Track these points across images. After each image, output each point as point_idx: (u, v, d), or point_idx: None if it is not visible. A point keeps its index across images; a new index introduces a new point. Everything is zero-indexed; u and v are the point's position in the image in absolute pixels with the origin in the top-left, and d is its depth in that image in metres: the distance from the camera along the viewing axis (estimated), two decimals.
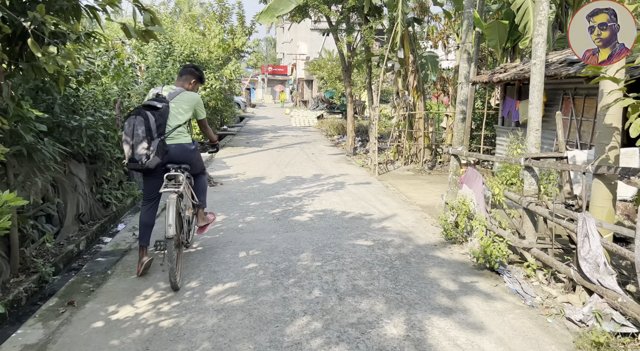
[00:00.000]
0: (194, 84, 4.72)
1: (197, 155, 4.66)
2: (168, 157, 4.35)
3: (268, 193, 8.49)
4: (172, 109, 4.39)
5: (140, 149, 4.17)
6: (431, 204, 7.90)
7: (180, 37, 14.00)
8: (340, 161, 12.78)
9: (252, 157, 13.26)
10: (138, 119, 4.19)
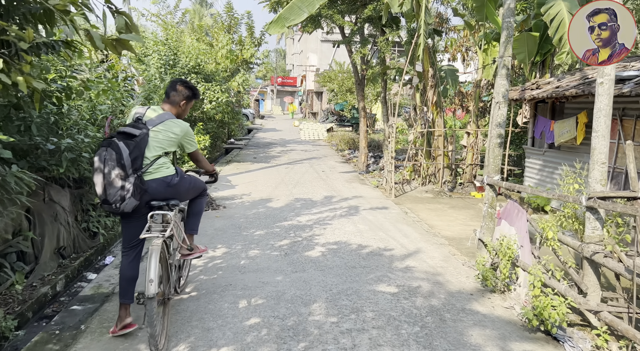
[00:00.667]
0: (184, 105, 3.94)
1: (185, 185, 3.84)
2: (149, 196, 3.57)
3: (275, 219, 7.68)
4: (152, 139, 3.61)
5: (114, 190, 3.39)
6: (458, 236, 7.04)
7: (186, 47, 13.36)
8: (353, 181, 11.97)
9: (258, 175, 12.49)
10: (109, 152, 3.42)
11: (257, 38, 16.89)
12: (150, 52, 12.37)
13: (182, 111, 3.95)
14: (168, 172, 3.65)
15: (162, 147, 3.65)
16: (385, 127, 12.92)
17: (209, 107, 12.94)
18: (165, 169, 3.65)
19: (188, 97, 3.93)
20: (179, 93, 3.88)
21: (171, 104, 3.87)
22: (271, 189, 10.53)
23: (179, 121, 3.81)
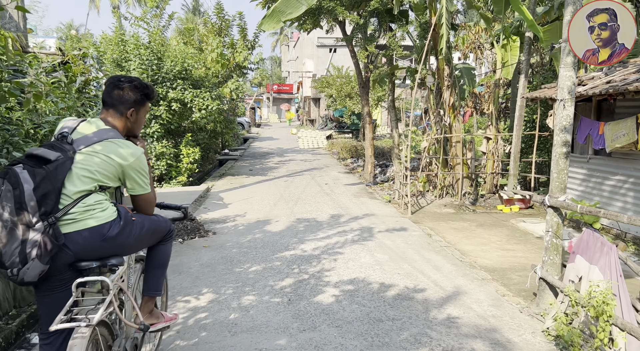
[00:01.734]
0: (134, 115, 2.64)
1: (133, 233, 2.50)
2: (70, 256, 2.28)
3: (274, 248, 6.37)
4: (79, 167, 2.35)
5: (10, 246, 2.11)
6: (499, 266, 5.74)
7: (171, 51, 12.11)
8: (361, 194, 10.66)
9: (255, 191, 11.18)
10: (5, 187, 2.14)
11: (250, 41, 15.65)
12: (130, 56, 11.11)
13: (134, 124, 2.66)
14: (104, 218, 2.35)
15: (95, 179, 2.36)
16: (395, 133, 11.66)
17: (198, 117, 11.66)
18: (100, 212, 2.35)
19: (137, 101, 2.62)
20: (123, 98, 2.58)
21: (113, 115, 2.57)
22: (269, 207, 9.22)
23: (127, 142, 2.51)
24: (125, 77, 2.61)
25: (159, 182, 11.68)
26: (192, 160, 11.98)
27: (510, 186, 9.75)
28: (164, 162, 11.30)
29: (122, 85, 2.57)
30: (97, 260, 2.34)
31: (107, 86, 2.59)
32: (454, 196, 10.19)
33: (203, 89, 11.90)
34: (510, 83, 13.42)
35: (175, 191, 10.68)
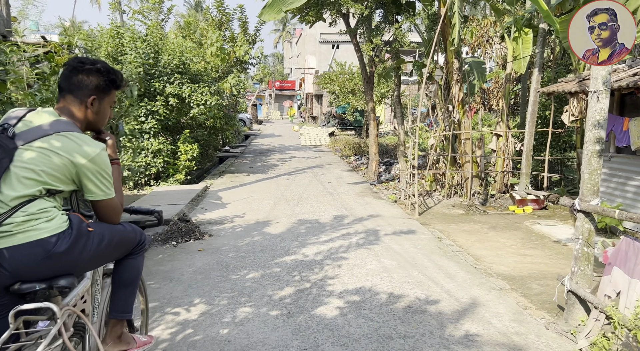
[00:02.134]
0: (96, 104, 2.19)
1: (89, 247, 2.03)
2: (8, 277, 1.86)
3: (274, 253, 5.94)
4: (19, 166, 1.92)
5: None
6: (517, 273, 5.30)
7: (169, 44, 11.67)
8: (365, 194, 10.21)
9: (255, 189, 10.75)
10: None
11: (251, 34, 15.20)
12: (127, 50, 10.68)
13: (96, 116, 2.21)
14: (49, 230, 1.92)
15: (41, 181, 1.93)
16: (400, 131, 11.22)
17: (196, 112, 11.22)
18: (45, 222, 1.92)
19: (100, 88, 2.18)
20: (83, 83, 2.14)
21: (71, 103, 2.14)
22: (269, 207, 8.79)
23: (84, 136, 2.07)
24: (88, 60, 2.18)
25: (156, 180, 11.27)
26: (190, 157, 11.56)
27: (522, 186, 9.30)
28: (161, 159, 10.88)
29: (82, 68, 2.13)
30: (43, 281, 1.90)
31: (65, 68, 2.15)
32: (463, 196, 9.74)
33: (202, 84, 11.46)
34: (519, 78, 12.96)
35: (172, 190, 10.26)
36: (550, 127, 9.28)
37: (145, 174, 10.90)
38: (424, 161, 12.68)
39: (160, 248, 6.22)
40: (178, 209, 8.13)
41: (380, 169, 13.33)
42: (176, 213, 7.87)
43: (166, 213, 7.86)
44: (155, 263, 5.59)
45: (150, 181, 11.12)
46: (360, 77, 27.42)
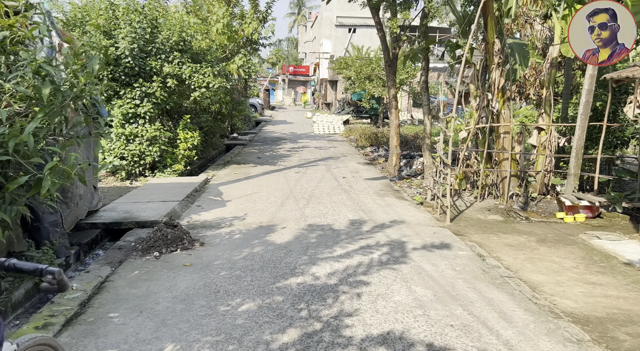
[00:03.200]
0: None
1: None
2: None
3: (277, 271, 4.77)
4: None
5: None
6: (591, 313, 4.05)
7: (168, 19, 10.44)
8: (386, 192, 8.96)
9: (261, 184, 9.57)
10: None
11: (262, 11, 13.88)
12: (120, 23, 9.47)
13: None
14: None
15: None
16: (427, 120, 9.91)
17: (197, 96, 10.02)
18: None
19: None
20: None
21: None
22: (275, 207, 7.61)
23: None
24: None
25: (152, 170, 10.15)
26: (190, 146, 10.41)
27: (570, 188, 7.99)
28: (157, 147, 9.74)
29: None
30: None
31: None
32: (499, 198, 8.46)
33: (204, 64, 10.24)
34: (560, 64, 11.50)
35: (168, 182, 9.13)
36: (605, 120, 7.92)
37: (140, 163, 9.78)
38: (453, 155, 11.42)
39: (138, 260, 5.08)
40: (169, 208, 6.99)
41: (401, 163, 12.06)
42: (166, 212, 6.73)
43: (155, 212, 6.72)
44: (127, 284, 4.45)
45: (145, 171, 10.00)
46: (378, 63, 26.00)
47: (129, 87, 9.53)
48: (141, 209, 6.87)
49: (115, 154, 9.53)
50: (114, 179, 9.85)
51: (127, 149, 9.55)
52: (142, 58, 9.59)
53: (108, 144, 9.57)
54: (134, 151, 9.55)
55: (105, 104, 9.53)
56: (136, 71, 9.48)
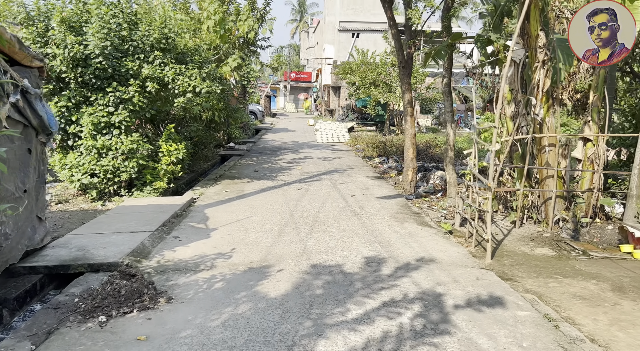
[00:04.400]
0: None
1: None
2: None
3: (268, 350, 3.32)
4: None
5: None
6: None
7: (149, 13, 9.07)
8: (404, 216, 7.48)
9: (255, 205, 8.13)
10: None
11: (260, 9, 12.52)
12: (92, 18, 8.10)
13: None
14: None
15: None
16: (449, 130, 8.47)
17: (182, 101, 8.61)
18: None
19: None
20: None
21: None
22: (271, 238, 6.16)
23: None
24: None
25: (129, 189, 8.72)
26: (174, 160, 8.98)
27: (632, 213, 6.52)
28: (134, 162, 8.31)
29: None
30: None
31: None
32: (541, 223, 7.00)
33: (191, 65, 8.84)
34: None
35: (144, 205, 7.69)
36: None
37: (114, 181, 8.35)
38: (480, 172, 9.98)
39: (73, 331, 3.63)
40: (137, 243, 5.54)
41: (417, 177, 10.59)
42: (131, 250, 5.28)
43: (117, 250, 5.28)
44: None
45: (120, 190, 8.57)
46: (384, 67, 24.61)
47: (101, 92, 8.14)
48: (100, 245, 5.43)
49: (84, 170, 8.10)
50: (83, 199, 8.42)
51: (98, 164, 8.13)
52: (117, 58, 8.20)
53: (76, 159, 8.15)
54: (107, 167, 8.13)
55: (75, 111, 8.14)
56: (109, 73, 8.08)
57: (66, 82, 8.10)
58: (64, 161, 8.29)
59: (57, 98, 8.02)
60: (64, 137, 8.35)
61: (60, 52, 7.63)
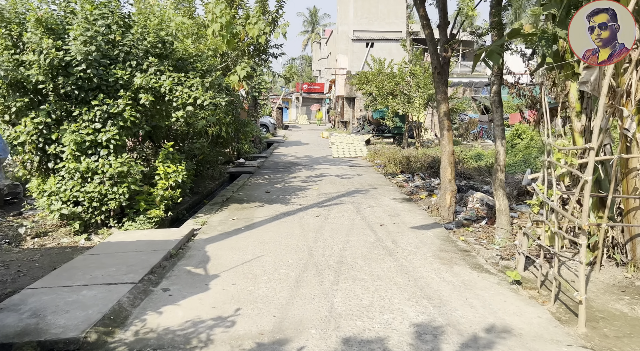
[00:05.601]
0: None
1: None
2: None
3: None
4: None
5: None
6: None
7: (143, 13, 7.86)
8: (451, 254, 6.02)
9: (266, 239, 6.77)
10: None
11: (272, 12, 11.31)
12: (76, 18, 6.90)
13: None
14: None
15: None
16: (500, 146, 7.06)
17: (182, 115, 7.34)
18: None
19: None
20: None
21: None
22: (287, 291, 4.78)
23: None
24: None
25: (119, 219, 7.43)
26: (173, 183, 7.70)
27: None
28: (125, 187, 7.03)
29: None
30: None
31: None
32: (627, 266, 5.53)
33: (192, 74, 7.59)
34: None
35: (133, 241, 6.38)
36: None
37: (101, 210, 7.07)
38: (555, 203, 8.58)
39: None
40: (112, 302, 4.21)
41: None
42: (102, 315, 3.95)
43: (83, 316, 3.96)
44: None
45: (109, 220, 7.29)
46: (403, 77, 23.25)
47: (86, 106, 6.91)
48: (63, 307, 4.11)
49: (66, 197, 6.85)
50: (65, 231, 7.16)
51: (83, 190, 6.87)
52: (105, 66, 6.98)
53: (57, 184, 6.90)
54: (93, 194, 6.86)
55: (55, 129, 6.92)
56: (95, 83, 6.86)
57: (44, 95, 6.89)
58: (42, 187, 7.05)
59: (34, 113, 6.80)
60: (43, 159, 7.14)
61: (35, 59, 6.43)
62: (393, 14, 40.86)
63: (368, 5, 41.05)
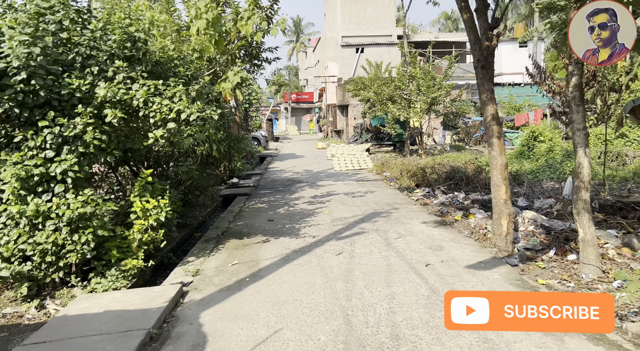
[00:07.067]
0: None
1: None
2: None
3: None
4: None
5: None
6: None
7: (107, 8, 6.15)
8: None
9: (281, 297, 5.02)
10: None
11: (266, 7, 9.63)
12: (16, 14, 5.16)
13: None
14: None
15: None
16: (582, 156, 5.40)
17: (159, 136, 5.60)
18: None
19: None
20: None
21: None
22: None
23: None
24: None
25: (84, 275, 5.63)
26: (154, 223, 5.92)
27: None
28: (89, 235, 5.24)
29: None
30: None
31: None
32: None
33: (172, 80, 5.86)
34: None
35: (96, 313, 4.57)
36: None
37: (58, 265, 5.27)
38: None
39: None
40: None
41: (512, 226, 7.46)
42: None
43: None
44: None
45: (70, 277, 5.49)
46: (402, 80, 21.68)
47: (32, 128, 5.15)
48: None
49: (7, 253, 5.04)
50: (9, 297, 5.34)
51: (32, 241, 5.08)
52: (55, 74, 5.23)
53: None
54: (46, 245, 5.07)
55: None
56: (42, 97, 5.11)
57: None
58: None
59: None
60: None
61: None
62: (382, 18, 39.61)
63: (356, 9, 39.77)
